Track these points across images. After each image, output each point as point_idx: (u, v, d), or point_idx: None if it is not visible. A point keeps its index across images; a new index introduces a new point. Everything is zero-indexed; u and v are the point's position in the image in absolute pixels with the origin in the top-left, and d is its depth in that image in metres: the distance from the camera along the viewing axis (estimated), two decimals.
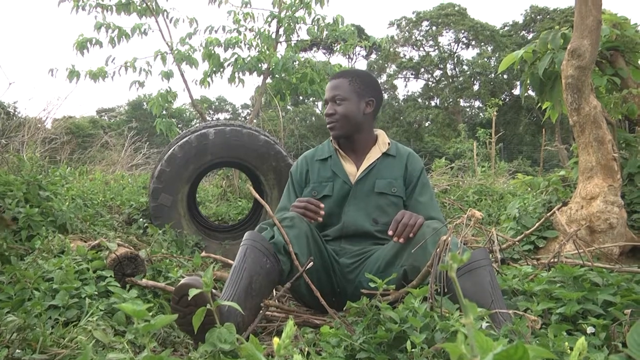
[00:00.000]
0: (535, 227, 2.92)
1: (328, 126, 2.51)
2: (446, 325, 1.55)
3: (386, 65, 33.01)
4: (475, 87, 30.83)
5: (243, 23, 6.65)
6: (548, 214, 2.92)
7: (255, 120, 7.21)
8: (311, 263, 2.05)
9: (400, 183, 2.47)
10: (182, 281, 1.71)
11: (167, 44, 6.45)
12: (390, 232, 2.16)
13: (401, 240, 2.13)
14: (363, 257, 2.34)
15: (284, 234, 2.12)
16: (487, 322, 1.58)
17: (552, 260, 2.49)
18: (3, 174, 3.31)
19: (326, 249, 2.31)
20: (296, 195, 2.57)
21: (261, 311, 2.00)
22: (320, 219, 2.31)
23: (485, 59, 30.36)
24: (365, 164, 2.49)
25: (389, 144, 2.55)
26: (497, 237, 2.57)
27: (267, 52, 6.51)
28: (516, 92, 28.80)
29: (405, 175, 2.49)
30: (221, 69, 6.56)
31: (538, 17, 30.11)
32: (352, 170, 2.49)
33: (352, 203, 2.44)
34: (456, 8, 31.41)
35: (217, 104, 36.43)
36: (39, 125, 6.95)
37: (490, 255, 2.50)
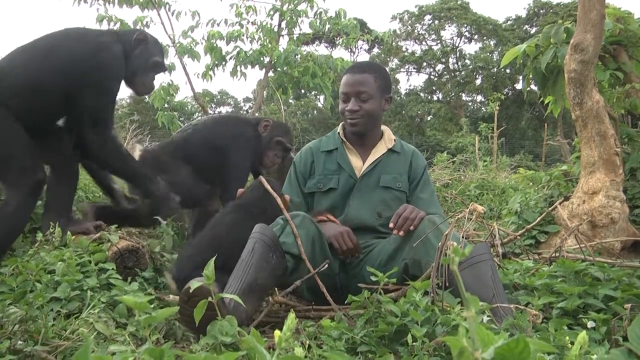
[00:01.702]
0: (536, 221, 2.92)
1: (349, 122, 2.46)
2: (447, 319, 1.55)
3: (388, 59, 32.90)
4: (478, 82, 30.74)
5: (245, 16, 6.64)
6: (550, 208, 2.93)
7: (257, 114, 7.21)
8: (326, 265, 2.06)
9: (404, 179, 2.48)
10: (191, 281, 1.70)
11: (169, 36, 6.44)
12: (391, 225, 2.17)
13: (401, 233, 2.14)
14: (365, 251, 2.35)
15: (293, 227, 2.10)
16: (488, 316, 1.59)
17: (553, 254, 2.49)
18: None
19: (331, 251, 2.31)
20: (299, 185, 2.56)
21: (266, 305, 2.01)
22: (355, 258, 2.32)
23: (488, 53, 30.24)
24: (371, 158, 2.49)
25: (394, 140, 2.56)
26: (498, 231, 2.57)
27: (269, 45, 6.50)
28: (519, 86, 28.70)
29: (410, 172, 2.50)
30: (223, 62, 6.55)
31: (541, 11, 29.98)
32: (357, 164, 2.49)
33: (356, 197, 2.44)
34: (459, 2, 31.27)
35: (219, 97, 36.40)
36: None
37: (492, 249, 2.50)
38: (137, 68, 2.76)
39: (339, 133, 2.58)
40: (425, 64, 32.97)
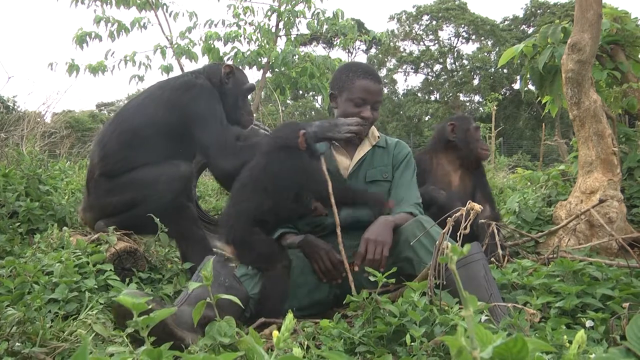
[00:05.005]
0: (546, 233, 2.89)
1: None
2: (446, 319, 1.55)
3: (386, 59, 32.89)
4: (475, 82, 30.73)
5: (243, 17, 6.64)
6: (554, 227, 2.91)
7: (254, 115, 7.20)
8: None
9: (389, 169, 2.52)
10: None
11: (166, 37, 6.44)
12: (356, 269, 2.13)
13: (356, 269, 2.13)
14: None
15: None
16: (486, 315, 1.59)
17: (551, 254, 2.49)
18: (3, 168, 3.31)
19: None
20: None
21: None
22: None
23: (485, 54, 30.24)
24: (357, 156, 2.52)
25: (378, 137, 2.58)
26: (497, 231, 2.57)
27: (267, 46, 6.50)
28: (516, 86, 28.70)
29: (393, 161, 2.54)
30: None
31: (538, 11, 29.98)
32: (345, 163, 2.52)
33: None
34: (456, 2, 31.28)
35: None
36: (39, 119, 6.94)
37: (499, 250, 2.50)
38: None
39: None
40: (422, 64, 32.96)
